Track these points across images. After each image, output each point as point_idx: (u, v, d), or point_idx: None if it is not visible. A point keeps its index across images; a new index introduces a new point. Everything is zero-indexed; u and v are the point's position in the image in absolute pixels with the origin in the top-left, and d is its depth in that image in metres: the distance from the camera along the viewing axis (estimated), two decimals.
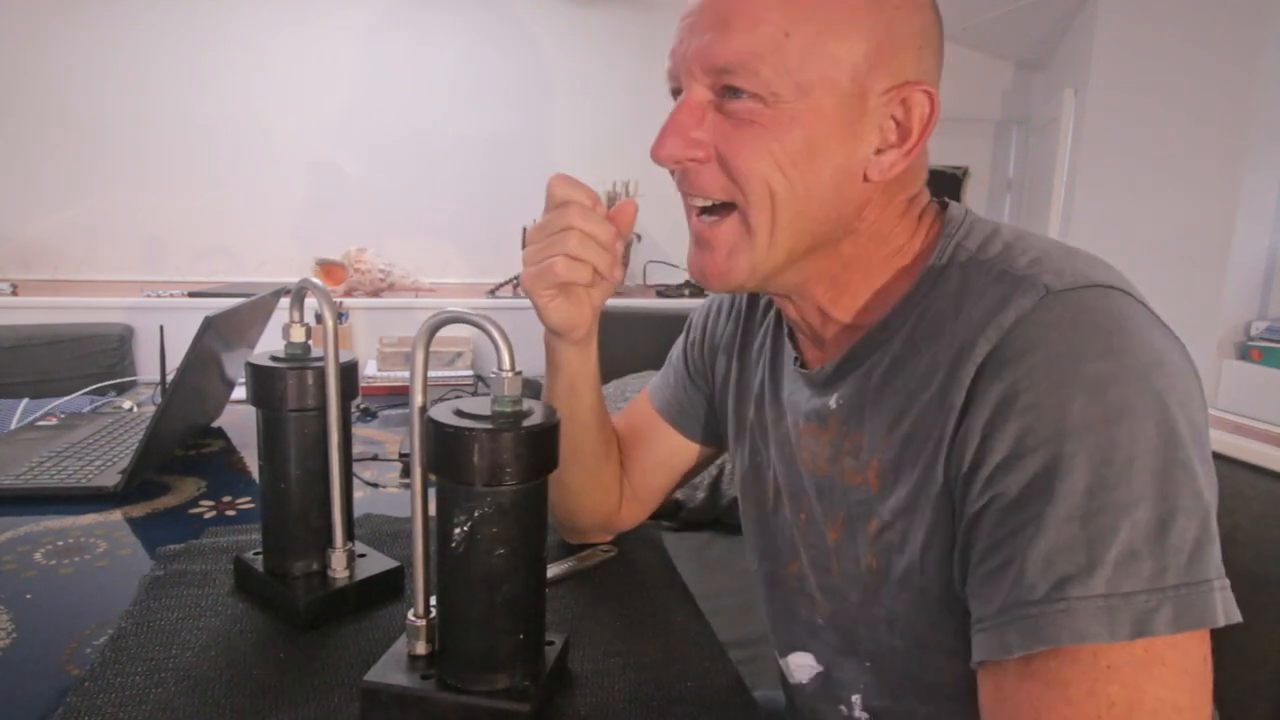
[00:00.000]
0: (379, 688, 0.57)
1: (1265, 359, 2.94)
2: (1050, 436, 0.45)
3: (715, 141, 0.56)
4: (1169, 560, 0.44)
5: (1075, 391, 0.45)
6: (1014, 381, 0.47)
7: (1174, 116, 3.04)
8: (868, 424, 0.59)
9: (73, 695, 0.58)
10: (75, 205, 2.79)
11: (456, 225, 3.08)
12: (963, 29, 3.39)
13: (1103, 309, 0.48)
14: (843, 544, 0.62)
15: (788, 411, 0.69)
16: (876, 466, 0.58)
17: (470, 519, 0.54)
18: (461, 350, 2.12)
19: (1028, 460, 0.46)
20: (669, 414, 0.85)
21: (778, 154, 0.54)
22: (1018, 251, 0.54)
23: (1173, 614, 0.43)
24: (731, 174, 0.56)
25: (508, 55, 3.07)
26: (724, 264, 0.59)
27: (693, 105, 0.56)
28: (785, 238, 0.57)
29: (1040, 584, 0.45)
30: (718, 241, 0.59)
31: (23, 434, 1.24)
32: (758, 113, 0.54)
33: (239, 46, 2.85)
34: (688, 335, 0.86)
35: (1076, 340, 0.47)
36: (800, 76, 0.52)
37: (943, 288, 0.56)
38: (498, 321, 0.55)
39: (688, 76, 0.56)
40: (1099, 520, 0.44)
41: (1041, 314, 0.48)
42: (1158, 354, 0.47)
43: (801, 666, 0.70)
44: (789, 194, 0.55)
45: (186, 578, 0.76)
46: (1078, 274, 0.50)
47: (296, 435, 0.71)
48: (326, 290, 0.68)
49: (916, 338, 0.56)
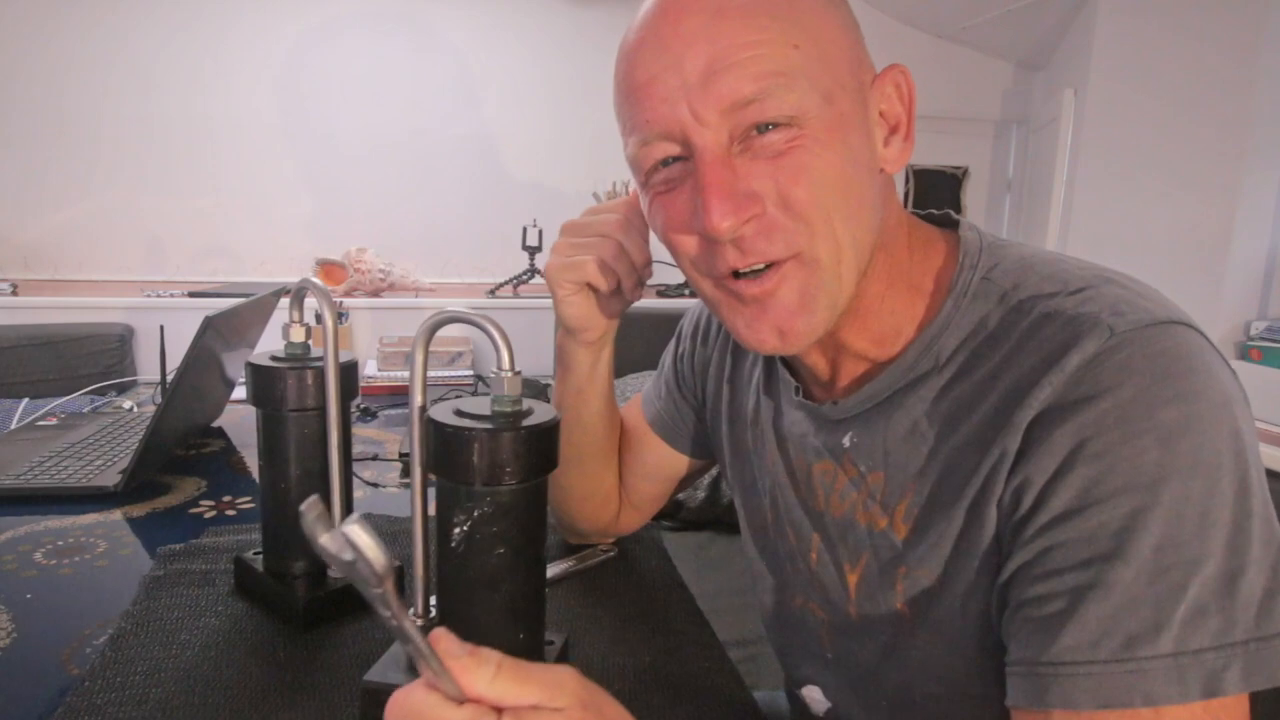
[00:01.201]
0: (379, 687, 0.57)
1: (1265, 359, 2.94)
2: (1122, 488, 0.44)
3: (764, 183, 0.50)
4: (1238, 615, 0.42)
5: (1149, 442, 0.43)
6: (1081, 428, 0.45)
7: (1174, 116, 3.04)
8: (888, 465, 0.56)
9: (73, 695, 0.58)
10: (75, 205, 2.79)
11: (456, 225, 3.08)
12: (963, 29, 3.39)
13: (1172, 350, 0.46)
14: (865, 587, 0.59)
15: (790, 443, 0.66)
16: (903, 511, 0.55)
17: (470, 519, 0.54)
18: (461, 350, 2.12)
19: (1095, 511, 0.44)
20: (659, 427, 0.83)
21: (829, 173, 0.50)
22: (1059, 284, 0.51)
23: (1242, 671, 0.42)
24: (794, 211, 0.50)
25: (508, 55, 3.07)
26: (802, 316, 0.53)
27: (722, 160, 0.50)
28: (852, 260, 0.52)
29: (1104, 641, 0.43)
30: (782, 291, 0.53)
31: (23, 434, 1.24)
32: (792, 140, 0.49)
33: (239, 47, 2.85)
34: (677, 346, 0.84)
35: (1146, 385, 0.44)
36: (820, 85, 0.50)
37: (975, 324, 0.53)
38: (497, 321, 0.55)
39: (696, 130, 0.50)
40: (1169, 578, 0.43)
41: (1109, 357, 0.46)
42: (1227, 394, 0.46)
43: (816, 701, 0.68)
44: (846, 214, 0.51)
45: (186, 578, 0.76)
46: (1138, 309, 0.48)
47: (296, 435, 0.71)
48: (326, 290, 0.68)
49: (946, 378, 0.53)
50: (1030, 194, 3.58)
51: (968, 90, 3.57)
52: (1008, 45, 3.49)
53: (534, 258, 2.71)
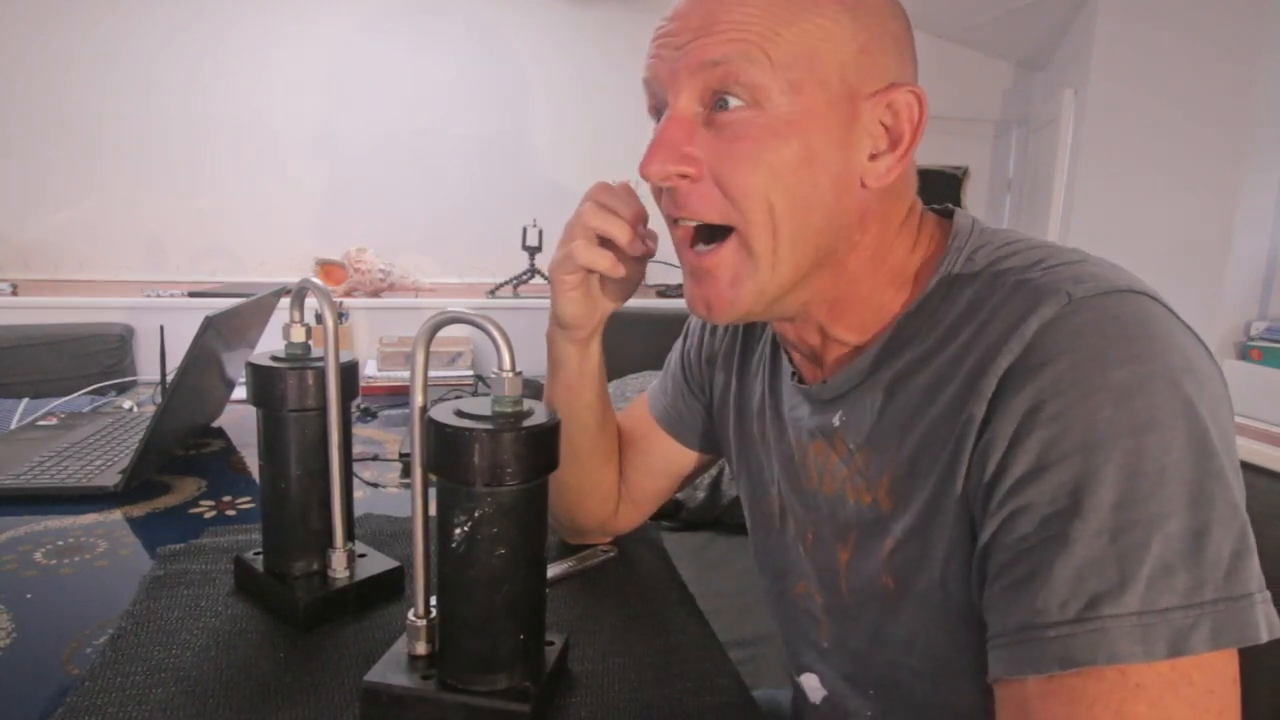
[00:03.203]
0: (379, 688, 0.57)
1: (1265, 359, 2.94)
2: (1077, 447, 0.44)
3: (708, 159, 0.53)
4: (1206, 575, 0.42)
5: (1102, 401, 0.44)
6: (1039, 391, 0.46)
7: (1174, 116, 3.04)
8: (874, 440, 0.58)
9: (73, 695, 0.58)
10: (76, 205, 2.79)
11: (456, 225, 3.08)
12: (963, 29, 3.39)
13: (1128, 314, 0.47)
14: (855, 564, 0.61)
15: (789, 427, 0.67)
16: (887, 484, 0.57)
17: (470, 519, 0.54)
18: (462, 350, 2.12)
19: (1053, 472, 0.45)
20: (666, 423, 0.84)
21: (775, 165, 0.52)
22: (1032, 260, 0.53)
23: (1210, 631, 0.42)
24: (728, 192, 0.53)
25: (507, 55, 3.07)
26: (728, 293, 0.56)
27: (681, 118, 0.54)
28: (789, 255, 0.54)
29: (1071, 602, 0.43)
30: (718, 270, 0.56)
31: (23, 434, 1.24)
32: (750, 123, 0.52)
33: (240, 47, 2.85)
34: (685, 341, 0.85)
35: (1102, 347, 0.45)
36: (791, 74, 0.51)
37: (954, 300, 0.54)
38: (498, 321, 0.55)
39: (672, 88, 0.54)
40: (1130, 535, 0.42)
41: (1065, 321, 0.47)
42: (1186, 358, 0.46)
43: (813, 689, 0.69)
44: (789, 207, 0.53)
45: (186, 578, 0.76)
46: (1099, 279, 0.49)
47: (297, 435, 0.71)
48: (327, 290, 0.68)
49: (925, 352, 0.55)
50: (1030, 194, 3.58)
51: (968, 90, 3.57)
52: (1008, 45, 3.49)
53: (534, 258, 2.71)
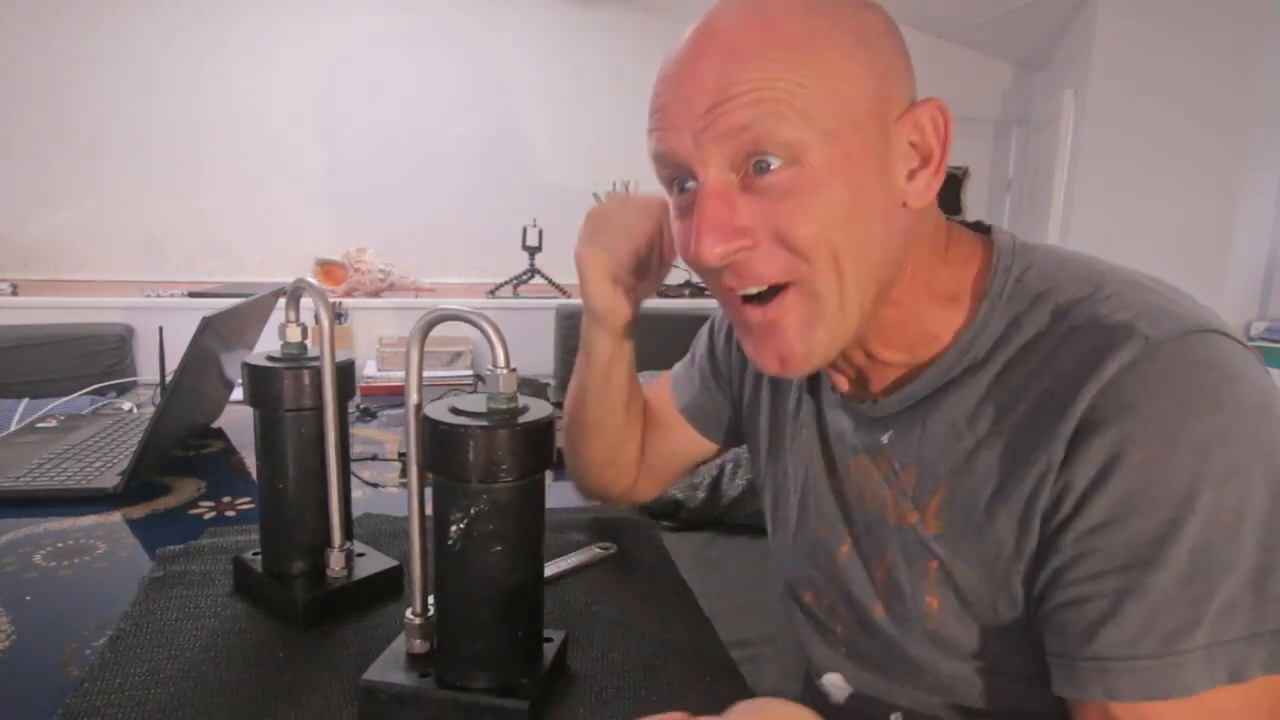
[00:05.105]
0: (378, 686, 0.57)
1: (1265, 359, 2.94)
2: (1159, 499, 0.45)
3: (760, 223, 0.52)
4: (1267, 610, 0.45)
5: (1186, 453, 0.45)
6: (1121, 438, 0.46)
7: (1174, 116, 3.04)
8: (924, 462, 0.58)
9: (72, 697, 0.58)
10: (75, 205, 2.80)
11: (456, 225, 3.09)
12: (963, 29, 3.39)
13: (1204, 359, 0.47)
14: (892, 583, 0.61)
15: (830, 440, 0.67)
16: (935, 508, 0.57)
17: (466, 516, 0.54)
18: (461, 350, 2.12)
19: (1134, 520, 0.46)
20: (690, 414, 0.85)
21: (830, 213, 0.51)
22: (1091, 287, 0.53)
23: (1267, 657, 0.45)
24: (793, 247, 0.52)
25: (507, 55, 3.08)
26: (800, 345, 0.55)
27: (719, 193, 0.52)
28: (855, 294, 0.53)
29: (1145, 640, 0.46)
30: (785, 321, 0.54)
31: (22, 436, 1.24)
32: (794, 179, 0.51)
33: (240, 47, 2.85)
34: (712, 335, 0.85)
35: (1182, 395, 0.46)
36: (824, 124, 0.50)
37: (1013, 326, 0.54)
38: (493, 319, 0.55)
39: (699, 160, 0.52)
40: (1203, 580, 0.45)
41: (1144, 366, 0.47)
42: (1261, 400, 0.47)
43: (837, 687, 0.69)
44: (851, 250, 0.52)
45: (186, 578, 0.76)
46: (1172, 317, 0.49)
47: (294, 435, 0.71)
48: (322, 290, 0.68)
49: (986, 380, 0.55)
50: (1030, 194, 3.58)
51: (968, 90, 3.58)
52: (1008, 45, 3.49)
53: (534, 258, 2.71)
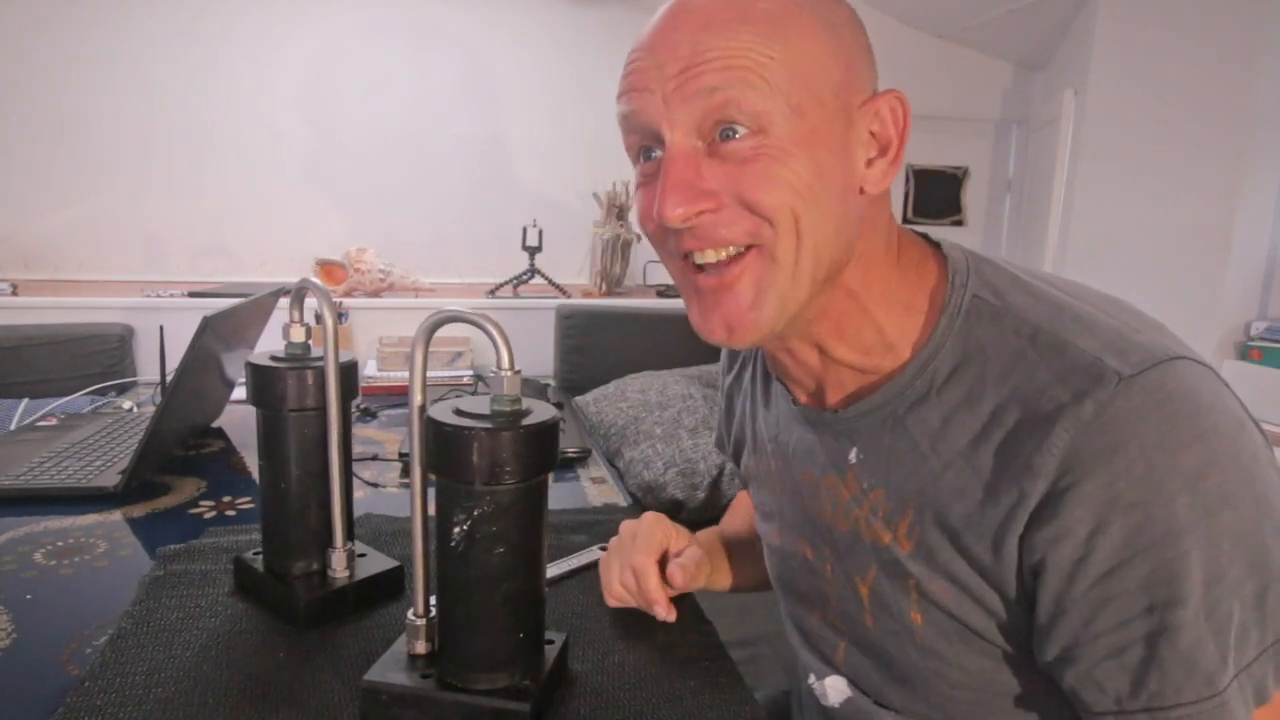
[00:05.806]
0: (379, 687, 0.57)
1: (1265, 359, 2.94)
2: (1162, 536, 0.47)
3: (724, 186, 0.52)
4: (1270, 623, 0.48)
5: (1178, 487, 0.47)
6: (1111, 480, 0.47)
7: (1174, 116, 3.04)
8: (889, 483, 0.58)
9: (72, 695, 0.58)
10: (75, 205, 2.79)
11: (456, 225, 3.08)
12: (963, 29, 3.40)
13: (1179, 390, 0.48)
14: (878, 598, 0.61)
15: (797, 458, 0.67)
16: (905, 528, 0.58)
17: (469, 518, 0.54)
18: (462, 350, 2.12)
19: (1142, 559, 0.47)
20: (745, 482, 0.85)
21: (793, 181, 0.52)
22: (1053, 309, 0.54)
23: (1276, 668, 0.48)
24: (758, 209, 0.52)
25: (507, 55, 3.08)
26: (750, 312, 0.55)
27: (685, 155, 0.53)
28: (809, 264, 0.54)
29: (1189, 684, 0.48)
30: (740, 283, 0.55)
31: (23, 434, 1.24)
32: (759, 147, 0.52)
33: (240, 47, 2.85)
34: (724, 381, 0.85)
35: (1165, 430, 0.47)
36: (790, 98, 0.51)
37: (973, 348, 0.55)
38: (497, 321, 0.55)
39: (666, 121, 0.53)
40: (1221, 609, 0.47)
41: (1122, 404, 0.48)
42: (1235, 421, 0.49)
43: (838, 690, 0.70)
44: (810, 219, 0.53)
45: (186, 578, 0.76)
46: (1140, 349, 0.50)
47: (296, 435, 0.71)
48: (326, 290, 0.68)
49: (946, 399, 0.55)
50: (1030, 194, 3.58)
51: (968, 90, 3.58)
52: (1008, 45, 3.50)
53: (534, 258, 2.71)
